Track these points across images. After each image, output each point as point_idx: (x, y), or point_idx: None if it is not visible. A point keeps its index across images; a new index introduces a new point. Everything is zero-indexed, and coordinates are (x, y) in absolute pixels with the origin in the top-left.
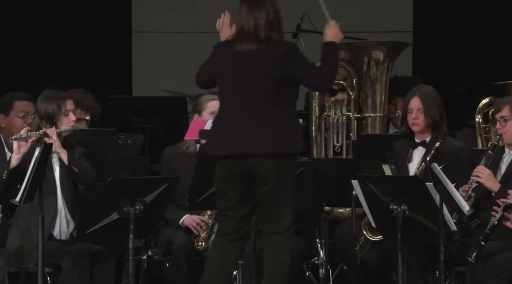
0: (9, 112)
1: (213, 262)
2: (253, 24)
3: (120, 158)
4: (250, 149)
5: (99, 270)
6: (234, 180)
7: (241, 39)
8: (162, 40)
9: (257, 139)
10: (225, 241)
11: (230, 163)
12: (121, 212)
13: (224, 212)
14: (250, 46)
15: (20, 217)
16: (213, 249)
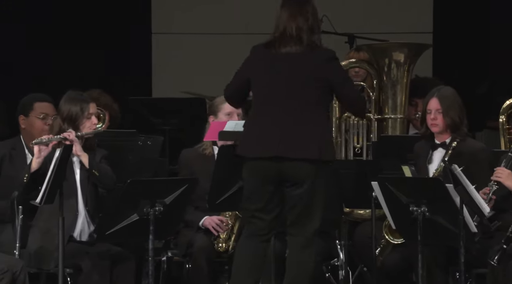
0: (29, 114)
1: (243, 262)
2: (295, 28)
3: (140, 160)
4: (290, 152)
5: (119, 271)
6: (267, 182)
7: (282, 42)
8: (182, 42)
9: (298, 142)
10: (254, 241)
11: (265, 165)
12: (141, 213)
13: (253, 214)
14: (291, 49)
15: (41, 219)
16: (242, 249)
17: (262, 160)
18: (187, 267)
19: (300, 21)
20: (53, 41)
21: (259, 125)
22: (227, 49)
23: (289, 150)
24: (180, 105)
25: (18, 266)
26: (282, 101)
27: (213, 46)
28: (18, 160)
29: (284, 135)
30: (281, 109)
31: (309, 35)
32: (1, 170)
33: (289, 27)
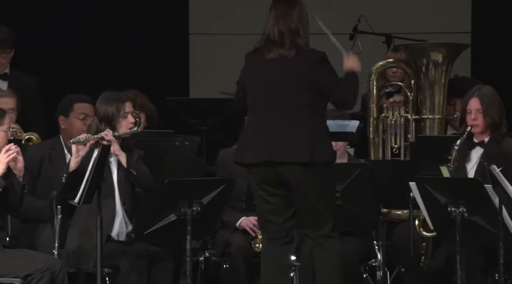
0: (69, 114)
1: (270, 267)
2: (277, 32)
3: (177, 160)
4: (283, 157)
5: (157, 271)
6: (268, 185)
7: (268, 47)
8: (219, 42)
9: (286, 147)
10: (275, 245)
11: (261, 170)
12: (178, 213)
13: (265, 218)
14: (275, 54)
15: (79, 218)
16: (266, 254)
17: (258, 166)
18: (224, 267)
19: (282, 25)
20: (91, 42)
21: (250, 132)
22: None
23: (279, 155)
24: (217, 106)
25: (57, 266)
26: (270, 107)
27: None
28: (58, 160)
29: (273, 140)
30: (269, 114)
31: (293, 38)
32: (41, 170)
33: (272, 32)
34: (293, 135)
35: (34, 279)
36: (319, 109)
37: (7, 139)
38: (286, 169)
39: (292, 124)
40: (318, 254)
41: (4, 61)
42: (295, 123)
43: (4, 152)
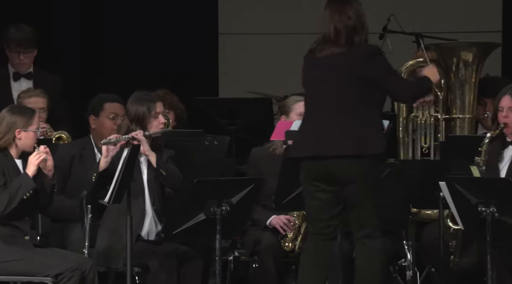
0: (100, 114)
1: (309, 261)
2: (333, 29)
3: (207, 159)
4: (327, 151)
5: (186, 271)
6: (318, 181)
7: (322, 45)
8: (248, 42)
9: (335, 140)
10: (318, 240)
11: (312, 165)
12: (207, 213)
13: (311, 213)
14: (330, 51)
15: (109, 218)
16: (307, 249)
17: (308, 160)
18: (254, 266)
19: (338, 22)
20: (120, 41)
21: (303, 128)
22: (293, 49)
23: (324, 148)
24: (246, 105)
25: (88, 265)
26: (323, 103)
27: (279, 46)
28: (88, 160)
29: (320, 135)
30: (321, 111)
31: (350, 35)
32: (71, 169)
33: (330, 28)
34: (340, 129)
35: (64, 278)
36: (372, 103)
37: (36, 138)
38: (333, 163)
39: (340, 119)
40: (359, 253)
41: (28, 61)
42: (343, 117)
43: (34, 154)
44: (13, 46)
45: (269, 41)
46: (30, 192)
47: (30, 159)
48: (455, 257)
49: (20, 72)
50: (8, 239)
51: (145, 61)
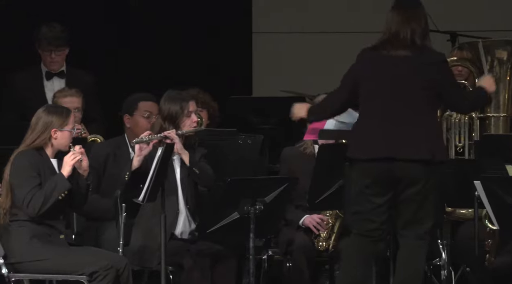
0: (134, 113)
1: (354, 260)
2: (410, 31)
3: (240, 158)
4: (403, 153)
5: (220, 270)
6: (379, 183)
7: (395, 44)
8: (282, 41)
9: (410, 143)
10: (365, 241)
11: (377, 166)
12: (241, 212)
13: (365, 216)
14: (404, 52)
15: (143, 217)
16: (352, 247)
17: (375, 162)
18: (287, 265)
19: (414, 25)
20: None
21: (371, 127)
22: (327, 48)
23: (401, 151)
24: (280, 104)
25: (122, 263)
26: (395, 103)
27: (313, 45)
28: (122, 159)
29: (396, 136)
30: (393, 111)
31: (422, 39)
32: (106, 168)
33: (404, 31)
34: (416, 133)
35: (99, 276)
36: (436, 109)
37: (71, 138)
38: (404, 166)
39: (415, 122)
40: (406, 253)
41: (59, 59)
42: (418, 121)
43: (70, 154)
44: (45, 45)
45: (303, 40)
46: (65, 192)
47: (66, 159)
48: (491, 257)
49: (52, 71)
50: (44, 238)
51: (178, 60)
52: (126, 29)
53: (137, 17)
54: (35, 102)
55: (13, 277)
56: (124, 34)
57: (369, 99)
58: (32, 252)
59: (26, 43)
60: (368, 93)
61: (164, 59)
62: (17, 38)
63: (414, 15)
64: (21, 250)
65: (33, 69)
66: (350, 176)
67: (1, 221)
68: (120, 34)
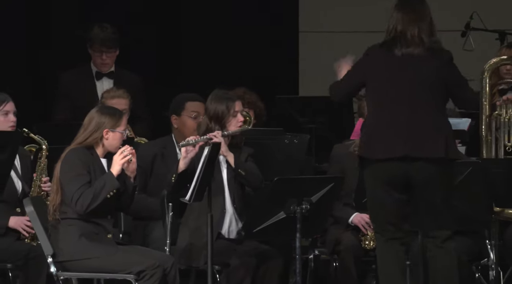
0: (181, 113)
1: (390, 267)
2: (418, 30)
3: (286, 158)
4: (416, 152)
5: (266, 269)
6: (391, 187)
7: (404, 43)
8: (328, 40)
9: (425, 141)
10: (394, 245)
11: (392, 166)
12: (288, 211)
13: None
14: (414, 51)
15: (190, 216)
16: (384, 255)
17: (390, 161)
18: (334, 265)
19: (421, 24)
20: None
21: (380, 127)
22: None
23: (417, 149)
24: (326, 104)
25: (169, 262)
26: (406, 102)
27: (360, 44)
28: (170, 158)
29: (410, 135)
30: (402, 110)
31: (431, 38)
32: (153, 168)
33: (411, 29)
34: (430, 131)
35: (146, 275)
36: (444, 106)
37: (122, 140)
38: (419, 165)
39: (428, 120)
40: (437, 255)
41: (109, 61)
42: (429, 119)
43: (119, 153)
44: (96, 46)
45: (349, 39)
46: (113, 191)
47: (115, 159)
48: None
49: (102, 71)
50: (92, 237)
51: (224, 60)
52: (173, 30)
53: (184, 17)
54: (86, 102)
55: (62, 275)
56: (171, 35)
57: (379, 97)
58: (80, 251)
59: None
60: (377, 91)
61: (211, 58)
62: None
63: (420, 13)
64: (70, 248)
65: (83, 68)
66: (364, 178)
67: (50, 218)
68: (167, 35)
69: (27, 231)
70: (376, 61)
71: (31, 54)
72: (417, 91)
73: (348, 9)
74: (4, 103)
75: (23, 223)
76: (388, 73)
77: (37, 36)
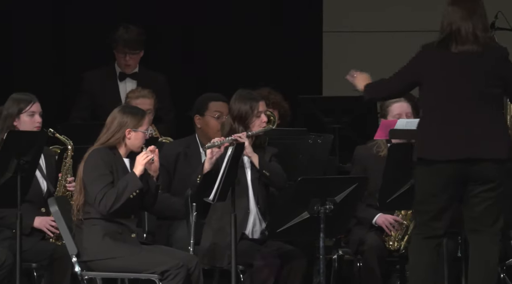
0: (205, 113)
1: (424, 265)
2: (472, 27)
3: (311, 158)
4: (481, 153)
5: (290, 269)
6: (450, 183)
7: (459, 41)
8: (352, 40)
9: (487, 142)
10: (432, 243)
11: (452, 167)
12: (311, 211)
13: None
14: (470, 48)
15: (214, 217)
16: (420, 252)
17: (451, 162)
18: (358, 265)
19: (476, 20)
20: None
21: (443, 127)
22: (397, 47)
23: (479, 151)
24: (350, 104)
25: (193, 262)
26: (466, 101)
27: (384, 44)
28: (193, 158)
29: (472, 136)
30: (465, 110)
31: (485, 34)
32: (177, 168)
33: (465, 26)
34: (490, 131)
35: (170, 275)
36: (502, 105)
37: (144, 140)
38: (481, 166)
39: (489, 121)
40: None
41: (133, 63)
42: (491, 119)
43: (142, 153)
44: (120, 48)
45: (373, 38)
46: (136, 191)
47: (138, 159)
48: None
49: (126, 72)
50: (116, 236)
51: (248, 60)
52: (197, 29)
53: (210, 17)
54: (109, 102)
55: (86, 275)
56: (193, 35)
57: (436, 97)
58: (104, 251)
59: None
60: (434, 91)
61: (236, 58)
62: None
63: (474, 10)
64: (94, 248)
65: (107, 69)
66: (418, 176)
67: (74, 218)
68: (189, 35)
69: (51, 231)
70: (431, 60)
71: (58, 54)
72: (475, 89)
73: (372, 9)
74: (31, 104)
75: (47, 223)
76: (444, 72)
77: (64, 36)
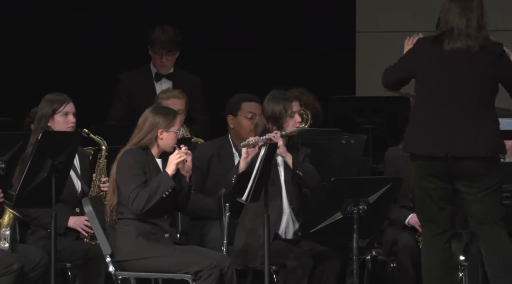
0: (237, 113)
1: (434, 265)
2: (465, 25)
3: (344, 158)
4: (462, 152)
5: (323, 270)
6: (437, 180)
7: (452, 38)
8: (385, 40)
9: (469, 141)
10: (439, 242)
11: (435, 163)
12: (344, 212)
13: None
14: (462, 46)
15: (246, 217)
16: (428, 253)
17: (432, 158)
18: (391, 266)
19: (471, 19)
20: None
21: (428, 122)
22: None
23: (462, 149)
24: (384, 104)
25: (226, 263)
26: (452, 98)
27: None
28: (226, 159)
29: (455, 133)
30: (451, 106)
31: (481, 32)
32: (210, 168)
33: (459, 24)
34: (477, 129)
35: (204, 275)
36: (493, 103)
37: (176, 140)
38: (464, 164)
39: (476, 119)
40: (488, 250)
41: (169, 64)
42: (477, 117)
43: (175, 153)
44: (157, 49)
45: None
46: (169, 191)
47: (171, 159)
48: None
49: (161, 73)
50: (149, 237)
51: (282, 60)
52: (228, 31)
53: (239, 18)
54: (144, 102)
55: (120, 275)
56: (228, 35)
57: (425, 91)
58: (138, 251)
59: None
60: (424, 85)
61: (268, 59)
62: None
63: (470, 8)
64: (128, 248)
65: (143, 69)
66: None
67: (108, 218)
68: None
69: (86, 231)
70: (425, 54)
71: (94, 55)
72: (462, 87)
73: (405, 9)
74: (64, 104)
75: (82, 223)
76: (435, 67)
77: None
